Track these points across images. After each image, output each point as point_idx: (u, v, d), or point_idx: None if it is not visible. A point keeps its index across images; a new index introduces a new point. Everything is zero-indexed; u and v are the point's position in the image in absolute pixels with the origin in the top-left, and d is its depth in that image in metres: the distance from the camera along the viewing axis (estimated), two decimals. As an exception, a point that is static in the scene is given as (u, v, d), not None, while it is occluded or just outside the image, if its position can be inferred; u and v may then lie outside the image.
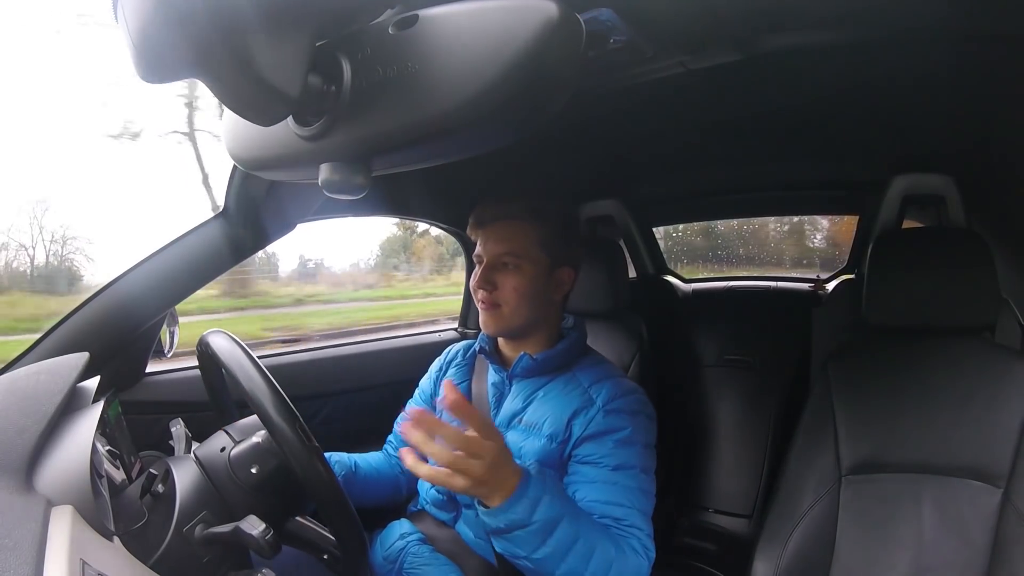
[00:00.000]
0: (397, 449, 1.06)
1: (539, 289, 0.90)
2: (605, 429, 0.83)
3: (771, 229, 2.75)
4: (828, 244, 2.61)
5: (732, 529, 1.67)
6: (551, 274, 0.91)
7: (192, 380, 1.04)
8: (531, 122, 0.38)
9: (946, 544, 0.85)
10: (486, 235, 0.91)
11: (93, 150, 3.83)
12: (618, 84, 0.73)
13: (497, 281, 0.89)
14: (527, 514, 0.66)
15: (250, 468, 0.70)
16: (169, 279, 0.94)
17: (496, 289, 0.89)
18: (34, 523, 0.45)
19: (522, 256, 0.88)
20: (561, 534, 0.68)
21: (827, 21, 0.59)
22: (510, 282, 0.88)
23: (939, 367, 0.93)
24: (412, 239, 5.94)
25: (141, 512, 0.65)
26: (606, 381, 0.88)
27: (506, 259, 0.89)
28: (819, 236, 2.64)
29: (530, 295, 0.89)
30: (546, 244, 0.89)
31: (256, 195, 0.92)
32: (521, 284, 0.88)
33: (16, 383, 0.58)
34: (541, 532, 0.67)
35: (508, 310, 0.89)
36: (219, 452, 0.72)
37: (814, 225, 2.63)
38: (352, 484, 0.97)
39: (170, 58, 0.35)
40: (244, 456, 0.71)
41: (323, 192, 0.44)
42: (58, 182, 3.68)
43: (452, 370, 1.04)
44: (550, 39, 0.34)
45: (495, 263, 0.89)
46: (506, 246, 0.89)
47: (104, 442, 0.70)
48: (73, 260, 3.55)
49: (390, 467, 1.06)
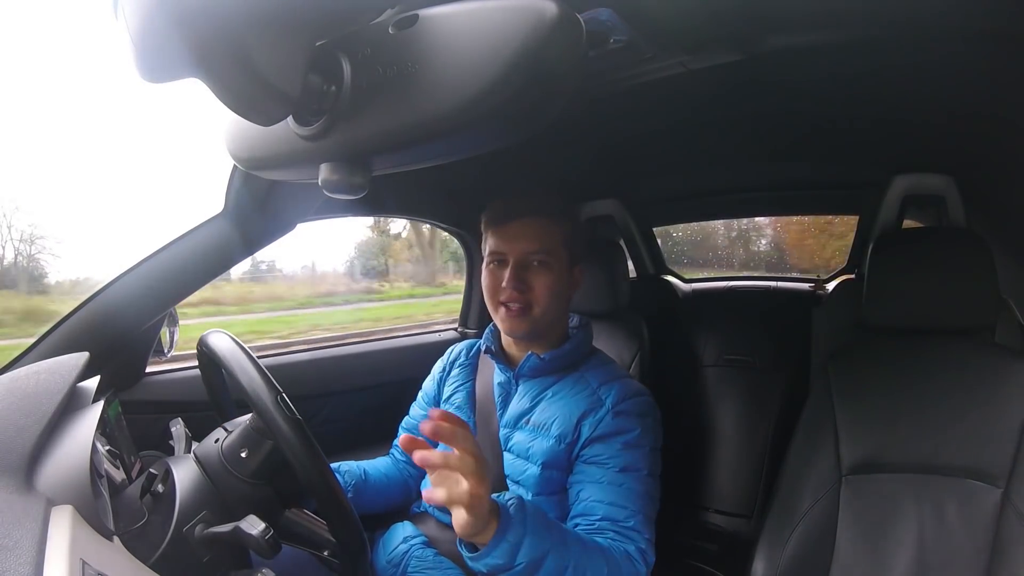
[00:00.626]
0: (403, 453, 1.06)
1: (564, 288, 0.90)
2: (614, 431, 0.83)
3: (719, 235, 2.96)
4: (772, 248, 2.91)
5: (732, 529, 1.67)
6: (570, 272, 0.91)
7: (192, 380, 1.04)
8: (531, 122, 0.38)
9: (946, 544, 0.85)
10: (508, 233, 0.89)
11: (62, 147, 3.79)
12: (618, 84, 0.73)
13: (529, 281, 0.87)
14: (510, 558, 0.64)
15: (240, 452, 0.70)
16: (169, 279, 0.94)
17: (528, 289, 0.87)
18: (34, 523, 0.45)
19: (551, 254, 0.88)
20: (549, 569, 0.66)
21: (827, 21, 0.59)
22: (542, 281, 0.87)
23: (939, 367, 0.93)
24: (388, 242, 5.74)
25: (141, 512, 0.65)
26: (615, 382, 0.88)
27: (537, 257, 0.87)
28: (764, 241, 2.93)
29: (559, 294, 0.89)
30: (567, 242, 0.89)
31: (256, 195, 0.92)
32: (553, 283, 0.88)
33: (16, 383, 0.58)
34: (527, 571, 0.65)
35: (539, 311, 0.88)
36: (213, 444, 0.73)
37: (759, 232, 2.89)
38: (363, 493, 0.97)
39: (170, 58, 0.35)
40: (235, 442, 0.71)
41: (323, 192, 0.44)
42: (28, 181, 3.64)
43: (456, 370, 1.03)
44: (550, 39, 0.34)
45: (524, 262, 0.88)
46: (536, 244, 0.87)
47: (104, 442, 0.70)
48: (40, 259, 3.50)
49: (399, 472, 1.06)
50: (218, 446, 0.72)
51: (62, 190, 3.08)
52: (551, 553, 0.66)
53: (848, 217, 1.93)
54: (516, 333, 0.91)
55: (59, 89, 3.54)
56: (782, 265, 2.78)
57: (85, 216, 3.86)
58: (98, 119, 4.07)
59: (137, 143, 4.09)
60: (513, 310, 0.88)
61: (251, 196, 0.91)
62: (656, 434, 0.87)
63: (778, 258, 2.86)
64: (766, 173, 1.51)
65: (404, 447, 0.63)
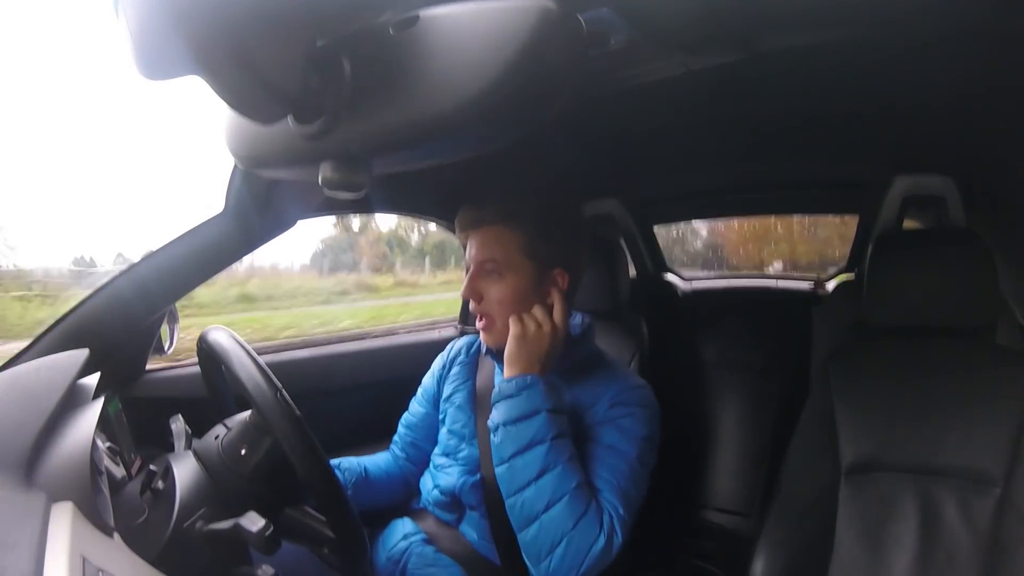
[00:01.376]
0: (404, 449, 1.07)
1: (528, 297, 0.86)
2: (609, 417, 0.85)
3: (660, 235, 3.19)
4: (705, 247, 3.17)
5: (732, 528, 1.67)
6: (542, 279, 0.87)
7: (192, 377, 1.05)
8: (531, 122, 0.38)
9: (945, 544, 0.85)
10: (471, 241, 0.89)
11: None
12: (618, 84, 0.73)
13: (482, 290, 0.87)
14: (520, 409, 0.73)
15: (239, 449, 0.71)
16: (169, 276, 0.94)
17: (483, 299, 0.87)
18: (34, 519, 0.45)
19: (503, 264, 0.85)
20: (529, 461, 0.72)
21: (827, 21, 0.59)
22: (494, 292, 0.86)
23: (939, 367, 0.93)
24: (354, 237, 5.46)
25: (141, 508, 0.65)
26: (616, 379, 0.89)
27: (488, 266, 0.86)
28: (699, 242, 3.18)
29: (515, 305, 0.85)
30: (527, 249, 0.85)
31: (256, 193, 0.92)
32: (505, 295, 0.85)
33: (16, 379, 0.58)
34: (516, 439, 0.72)
35: (500, 324, 0.86)
36: (213, 440, 0.73)
37: (696, 234, 3.12)
38: (363, 489, 0.97)
39: (170, 55, 0.35)
40: (234, 438, 0.72)
41: (323, 190, 0.44)
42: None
43: (456, 368, 1.04)
44: (550, 39, 0.34)
45: (479, 270, 0.87)
46: (487, 252, 0.86)
47: (104, 438, 0.70)
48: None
49: (399, 468, 1.06)
50: (218, 443, 0.72)
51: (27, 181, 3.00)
52: (542, 447, 0.74)
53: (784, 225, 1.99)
54: (490, 348, 0.91)
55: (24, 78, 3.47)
56: (715, 263, 3.03)
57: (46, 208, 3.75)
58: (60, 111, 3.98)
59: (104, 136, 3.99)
60: (479, 322, 0.88)
61: (251, 194, 0.91)
62: (652, 425, 0.87)
63: (709, 255, 3.11)
64: (766, 173, 1.51)
65: None
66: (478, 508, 0.91)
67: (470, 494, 0.91)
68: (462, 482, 0.91)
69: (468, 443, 0.94)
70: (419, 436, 1.05)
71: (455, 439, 0.96)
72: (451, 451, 0.96)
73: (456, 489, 0.92)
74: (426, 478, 1.00)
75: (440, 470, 0.96)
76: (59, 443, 0.53)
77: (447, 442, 0.98)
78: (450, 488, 0.93)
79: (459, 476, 0.92)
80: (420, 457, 1.05)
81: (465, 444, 0.95)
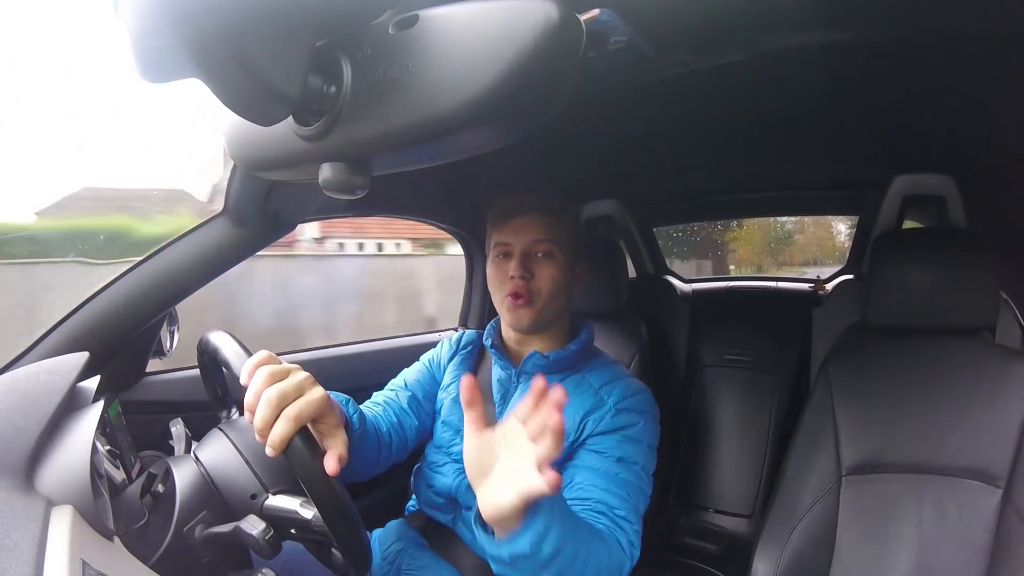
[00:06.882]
0: (397, 398, 0.99)
1: (568, 282, 0.91)
2: (615, 426, 0.84)
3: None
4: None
5: (732, 529, 1.67)
6: (573, 269, 0.93)
7: (192, 380, 1.04)
8: (531, 122, 0.38)
9: (946, 544, 0.85)
10: (515, 226, 0.90)
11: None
12: (618, 84, 0.73)
13: (533, 270, 0.89)
14: (536, 546, 0.59)
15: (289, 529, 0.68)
16: (169, 279, 0.94)
17: (533, 278, 0.88)
18: (34, 523, 0.45)
19: (556, 245, 0.89)
20: (566, 557, 0.62)
21: (827, 21, 0.59)
22: (547, 271, 0.89)
23: (939, 367, 0.93)
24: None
25: (141, 512, 0.65)
26: (617, 382, 0.88)
27: (542, 247, 0.89)
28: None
29: (562, 287, 0.90)
30: (570, 239, 0.91)
31: (257, 195, 0.92)
32: (557, 274, 0.89)
33: (16, 383, 0.58)
34: (547, 561, 0.61)
35: (542, 302, 0.89)
36: (249, 500, 0.69)
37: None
38: (355, 452, 0.86)
39: (169, 58, 0.35)
40: (280, 520, 0.68)
41: (323, 192, 0.44)
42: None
43: (459, 357, 1.02)
44: (550, 39, 0.34)
45: (530, 252, 0.89)
46: (540, 234, 0.89)
47: (104, 442, 0.70)
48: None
49: (388, 432, 0.96)
50: (257, 504, 0.69)
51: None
52: (570, 541, 0.63)
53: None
54: (521, 324, 0.90)
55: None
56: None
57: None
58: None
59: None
60: (518, 300, 0.88)
61: (251, 196, 0.91)
62: (654, 431, 0.87)
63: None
64: (766, 173, 1.51)
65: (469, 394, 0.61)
66: (474, 507, 0.90)
67: (467, 494, 0.90)
68: (458, 482, 0.91)
69: (463, 437, 0.93)
70: (420, 393, 1.00)
71: (450, 431, 0.95)
72: (445, 444, 0.95)
73: (452, 490, 0.91)
74: (420, 479, 0.99)
75: (434, 470, 0.95)
76: (59, 446, 0.53)
77: (441, 434, 0.96)
78: (445, 489, 0.92)
79: (455, 476, 0.91)
80: (415, 412, 0.99)
81: (460, 438, 0.94)
